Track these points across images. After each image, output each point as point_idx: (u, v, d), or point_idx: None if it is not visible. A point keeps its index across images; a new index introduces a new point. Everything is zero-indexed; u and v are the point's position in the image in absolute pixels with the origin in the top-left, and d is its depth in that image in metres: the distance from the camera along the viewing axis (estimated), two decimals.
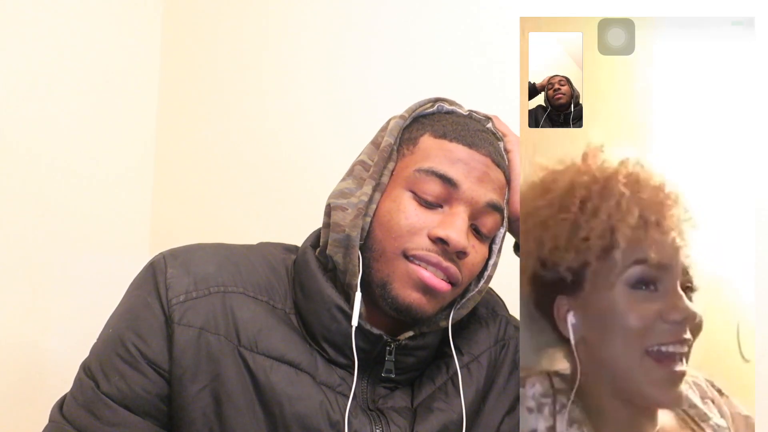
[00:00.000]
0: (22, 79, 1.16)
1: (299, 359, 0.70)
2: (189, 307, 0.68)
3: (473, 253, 0.71)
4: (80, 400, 0.68)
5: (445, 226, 0.68)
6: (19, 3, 1.15)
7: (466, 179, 0.70)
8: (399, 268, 0.68)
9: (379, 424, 0.70)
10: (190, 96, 1.47)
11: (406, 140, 0.74)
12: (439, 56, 1.27)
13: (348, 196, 0.71)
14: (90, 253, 1.30)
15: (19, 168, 1.15)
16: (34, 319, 1.18)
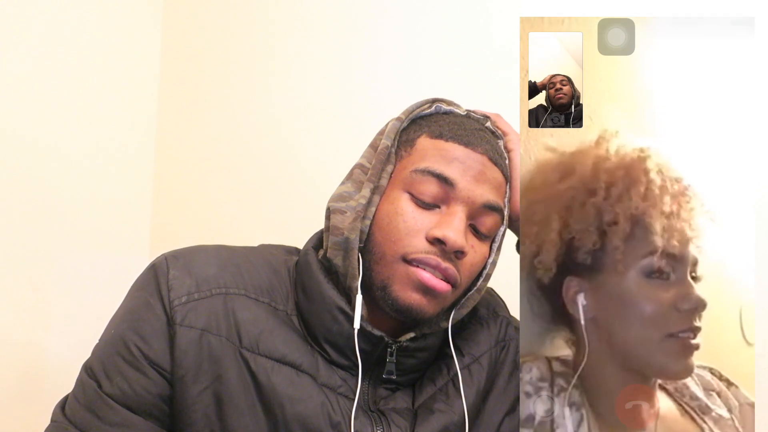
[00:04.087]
0: (22, 79, 1.16)
1: (300, 360, 0.70)
2: (191, 309, 0.69)
3: (472, 253, 0.71)
4: (82, 401, 0.68)
5: (442, 226, 0.68)
6: (19, 2, 1.15)
7: (463, 178, 0.70)
8: (399, 270, 0.69)
9: (380, 424, 0.70)
10: (190, 95, 1.47)
11: (404, 142, 0.74)
12: (442, 56, 1.27)
13: (347, 199, 0.72)
14: (90, 252, 1.30)
15: (19, 168, 1.15)
16: (35, 319, 1.18)
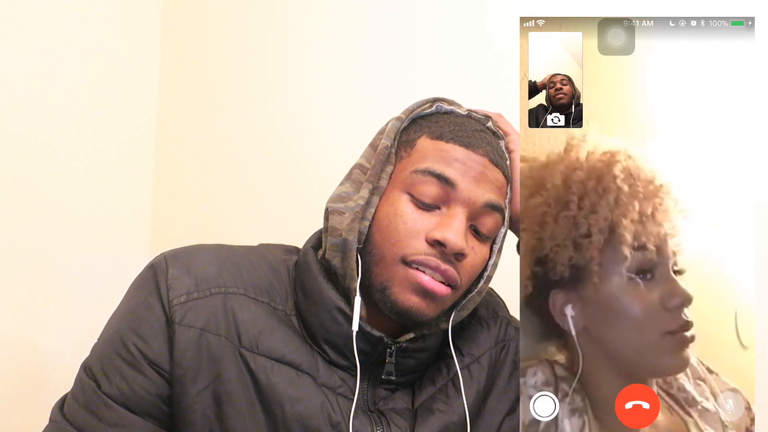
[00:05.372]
0: (22, 79, 1.16)
1: (300, 360, 0.70)
2: (190, 308, 0.68)
3: (472, 255, 0.70)
4: (81, 401, 0.68)
5: (442, 228, 0.68)
6: (19, 2, 1.15)
7: (463, 179, 0.69)
8: (398, 273, 0.68)
9: (379, 425, 0.70)
10: (190, 95, 1.47)
11: (404, 142, 0.73)
12: (441, 56, 1.27)
13: (346, 200, 0.71)
14: (90, 252, 1.29)
15: (18, 168, 1.15)
16: (34, 319, 1.18)
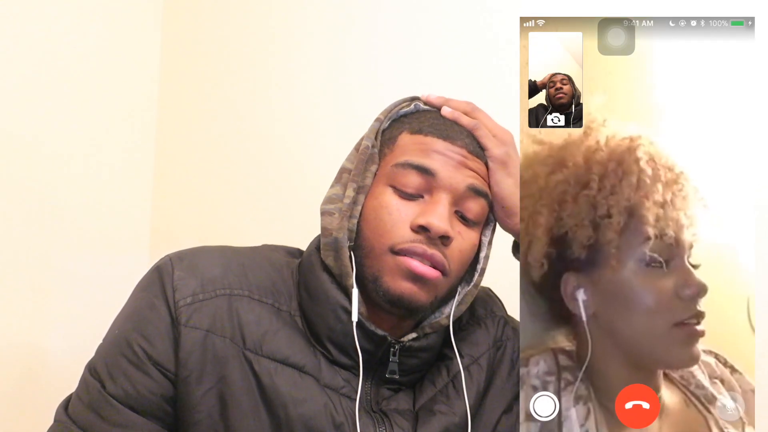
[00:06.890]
0: (22, 79, 1.15)
1: (303, 362, 0.70)
2: (196, 309, 0.69)
3: (459, 239, 0.72)
4: (86, 401, 0.69)
5: (426, 214, 0.69)
6: (19, 2, 1.15)
7: (443, 168, 0.71)
8: (388, 262, 0.70)
9: (382, 425, 0.71)
10: (190, 95, 1.46)
11: (387, 141, 0.75)
12: (441, 56, 1.27)
13: (335, 201, 0.73)
14: (90, 252, 1.29)
15: (19, 168, 1.15)
16: (35, 320, 1.18)
